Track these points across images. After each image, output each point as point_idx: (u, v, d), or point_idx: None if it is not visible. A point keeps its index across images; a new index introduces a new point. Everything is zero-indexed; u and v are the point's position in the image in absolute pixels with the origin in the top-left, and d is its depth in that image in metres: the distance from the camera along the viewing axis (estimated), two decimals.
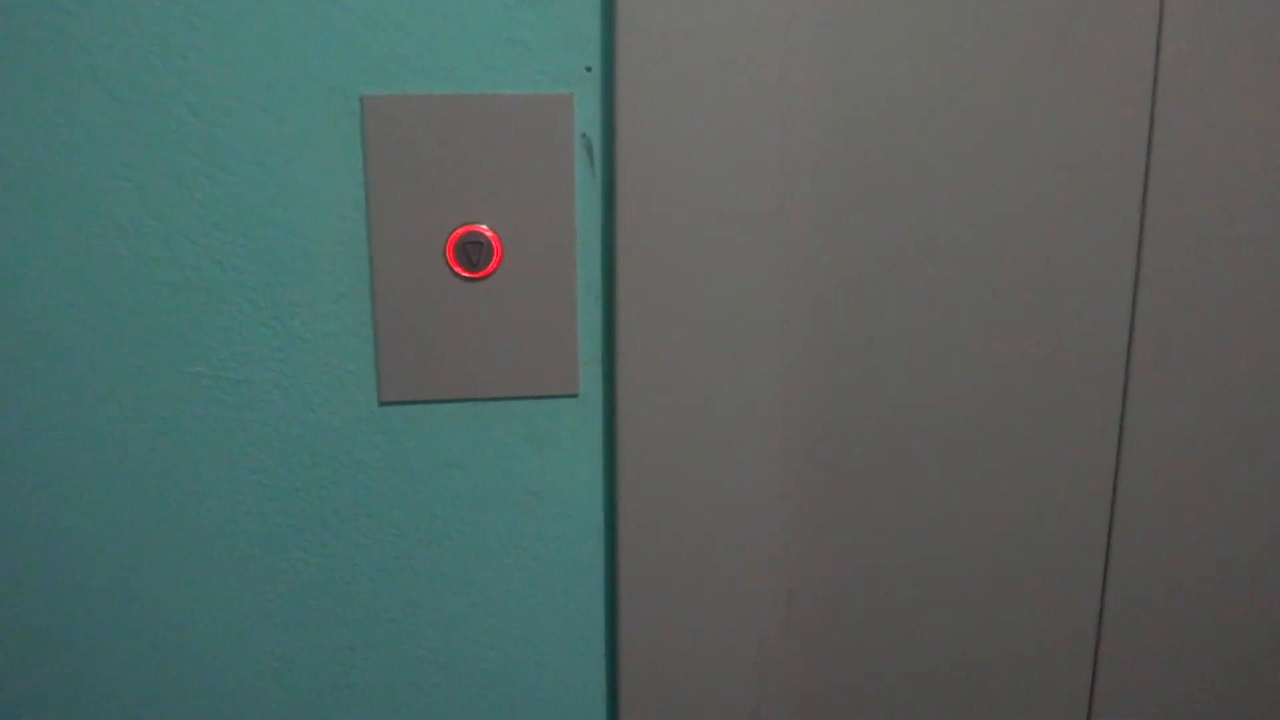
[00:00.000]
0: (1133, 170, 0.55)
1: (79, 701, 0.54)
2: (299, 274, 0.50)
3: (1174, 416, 0.59)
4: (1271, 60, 0.55)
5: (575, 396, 0.53)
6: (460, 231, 0.50)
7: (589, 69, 0.49)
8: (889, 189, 0.54)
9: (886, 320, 0.56)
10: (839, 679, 0.61)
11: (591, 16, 0.49)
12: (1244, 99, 0.55)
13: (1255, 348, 0.59)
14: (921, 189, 0.54)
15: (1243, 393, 0.59)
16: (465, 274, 0.50)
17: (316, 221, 0.49)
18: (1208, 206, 0.56)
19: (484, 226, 0.50)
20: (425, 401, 0.52)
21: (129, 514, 0.51)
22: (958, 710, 0.62)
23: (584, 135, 0.50)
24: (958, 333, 0.56)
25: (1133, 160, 0.55)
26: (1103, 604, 0.61)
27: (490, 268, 0.50)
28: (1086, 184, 0.55)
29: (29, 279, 0.48)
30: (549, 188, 0.50)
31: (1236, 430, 0.60)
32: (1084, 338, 0.57)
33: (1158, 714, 0.64)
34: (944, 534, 0.59)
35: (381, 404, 0.52)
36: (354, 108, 0.48)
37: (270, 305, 0.50)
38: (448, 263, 0.50)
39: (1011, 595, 0.61)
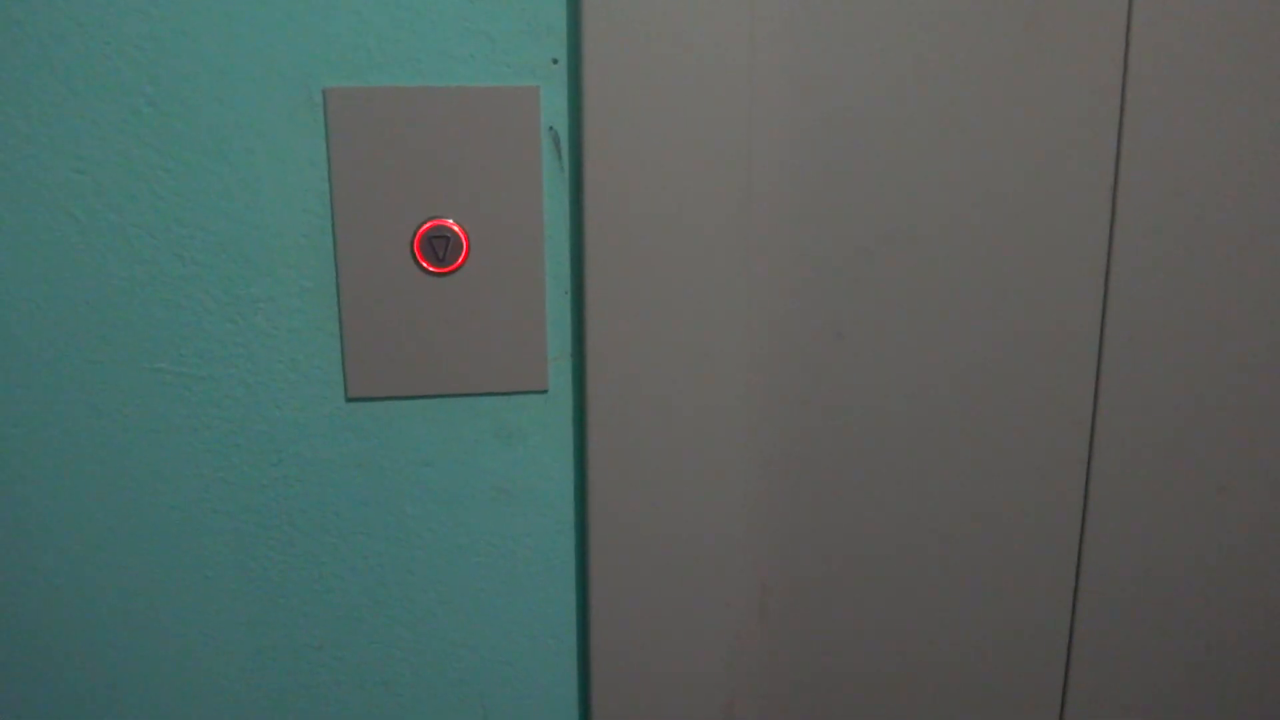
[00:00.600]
0: (1103, 160, 0.55)
1: (41, 702, 0.53)
2: (263, 269, 0.49)
3: (1147, 410, 0.59)
4: (1241, 49, 0.55)
5: (544, 392, 0.52)
6: (427, 226, 0.49)
7: (555, 61, 0.49)
8: (858, 181, 0.54)
9: (857, 313, 0.55)
10: (812, 673, 0.60)
11: (557, 8, 0.48)
12: (1214, 88, 0.55)
13: (1227, 338, 0.59)
14: (890, 181, 0.54)
15: (1215, 385, 0.59)
16: (432, 269, 0.50)
17: (280, 215, 0.49)
18: (1178, 197, 0.56)
19: (450, 220, 0.49)
20: (393, 398, 0.51)
21: (90, 514, 0.51)
22: (931, 705, 0.62)
23: (551, 128, 0.50)
24: (928, 325, 0.56)
25: (1103, 149, 0.55)
26: (1076, 599, 0.62)
27: (457, 262, 0.50)
28: (1057, 174, 0.55)
29: None
30: (516, 181, 0.49)
31: (1209, 424, 0.60)
32: (1056, 330, 0.57)
33: (1130, 709, 0.64)
34: (917, 527, 0.59)
35: (349, 400, 0.51)
36: (316, 100, 0.48)
37: (233, 300, 0.49)
38: (414, 257, 0.50)
39: (985, 590, 0.61)
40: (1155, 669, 0.64)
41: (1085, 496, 0.60)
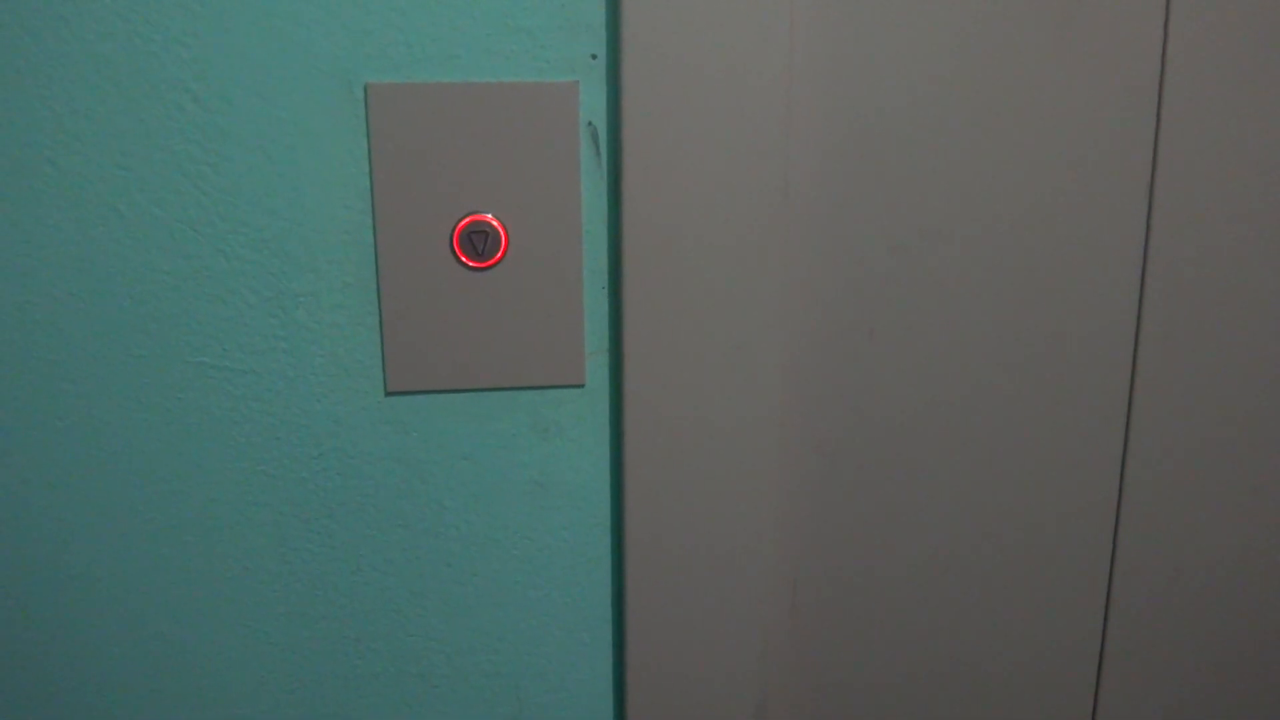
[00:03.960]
0: (1139, 159, 0.55)
1: (83, 692, 0.53)
2: (304, 264, 0.49)
3: (1181, 410, 0.59)
4: (1279, 48, 0.55)
5: (581, 387, 0.53)
6: (466, 221, 0.50)
7: (594, 57, 0.49)
8: (895, 178, 0.53)
9: (891, 311, 0.55)
10: (844, 669, 0.61)
11: (596, 3, 0.48)
12: (1252, 86, 0.55)
13: (1264, 338, 0.59)
14: (926, 179, 0.54)
15: (1250, 385, 0.59)
16: (471, 263, 0.50)
17: (321, 211, 0.49)
18: (1215, 197, 0.56)
19: (490, 216, 0.50)
20: (431, 391, 0.52)
21: (133, 506, 0.51)
22: (961, 706, 0.62)
23: (589, 124, 0.50)
24: (961, 324, 0.56)
25: (1139, 149, 0.55)
26: (1108, 602, 0.61)
27: (496, 257, 0.50)
28: (1092, 173, 0.55)
29: (32, 269, 0.48)
30: (555, 177, 0.50)
31: (1244, 424, 0.60)
32: (1090, 329, 0.57)
33: (1163, 714, 0.64)
34: (948, 526, 0.59)
35: (388, 394, 0.52)
36: (358, 96, 0.48)
37: (275, 295, 0.50)
38: (454, 252, 0.50)
39: (1017, 588, 0.61)
40: (1188, 673, 0.63)
41: (1119, 497, 0.60)
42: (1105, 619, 0.62)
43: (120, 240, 0.48)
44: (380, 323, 0.50)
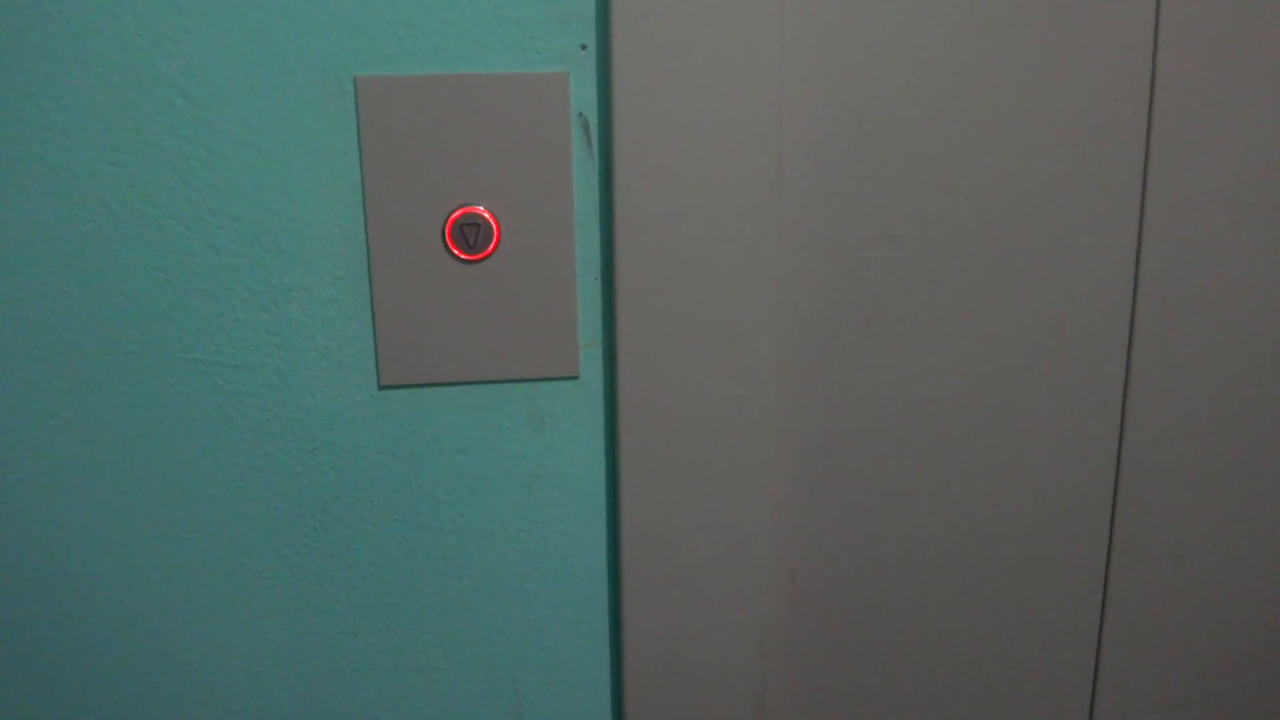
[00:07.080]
0: (1132, 147, 0.55)
1: (79, 689, 0.53)
2: (295, 258, 0.49)
3: (1177, 397, 0.59)
4: (1271, 38, 0.54)
5: (576, 378, 0.53)
6: (458, 213, 0.49)
7: (584, 47, 0.49)
8: (888, 166, 0.53)
9: (886, 300, 0.55)
10: (842, 659, 0.61)
11: None
12: (1244, 76, 0.55)
13: (1258, 323, 0.58)
14: (920, 167, 0.54)
15: (1246, 370, 0.59)
16: (463, 256, 0.50)
17: (312, 205, 0.49)
18: (1207, 185, 0.56)
19: (481, 208, 0.50)
20: (425, 385, 0.52)
21: (127, 502, 0.51)
22: (959, 696, 0.62)
23: (580, 114, 0.50)
24: (957, 312, 0.56)
25: (1132, 137, 0.55)
26: (1106, 590, 0.61)
27: (488, 249, 0.50)
28: (1085, 160, 0.55)
29: (22, 266, 0.48)
30: (546, 168, 0.50)
31: (1241, 409, 0.60)
32: (1086, 317, 0.57)
33: (1161, 697, 0.64)
34: (945, 516, 0.59)
35: (381, 388, 0.51)
36: (347, 89, 0.48)
37: (267, 290, 0.49)
38: (446, 245, 0.50)
39: (1014, 578, 0.60)
40: (1186, 663, 0.63)
41: (1116, 484, 0.60)
42: (1103, 608, 0.62)
43: (110, 236, 0.48)
44: (373, 316, 0.50)
